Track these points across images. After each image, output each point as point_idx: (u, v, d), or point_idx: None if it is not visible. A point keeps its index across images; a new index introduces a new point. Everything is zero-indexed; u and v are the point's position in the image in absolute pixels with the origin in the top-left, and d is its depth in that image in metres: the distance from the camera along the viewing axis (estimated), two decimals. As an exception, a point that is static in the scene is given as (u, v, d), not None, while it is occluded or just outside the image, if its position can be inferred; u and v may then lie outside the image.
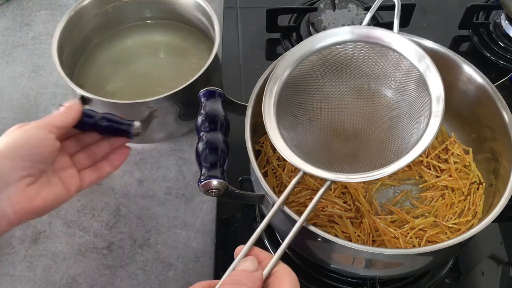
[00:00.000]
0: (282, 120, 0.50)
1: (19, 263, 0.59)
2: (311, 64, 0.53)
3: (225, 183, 0.45)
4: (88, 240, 0.61)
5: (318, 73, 0.53)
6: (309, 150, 0.50)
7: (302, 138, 0.51)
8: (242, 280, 0.38)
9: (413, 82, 0.50)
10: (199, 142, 0.48)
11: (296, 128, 0.52)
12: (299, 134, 0.51)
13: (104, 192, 0.64)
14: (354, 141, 0.53)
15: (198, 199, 0.64)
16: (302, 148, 0.49)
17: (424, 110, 0.48)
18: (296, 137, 0.51)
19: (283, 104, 0.51)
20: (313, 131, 0.52)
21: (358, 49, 0.52)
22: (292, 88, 0.52)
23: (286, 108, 0.52)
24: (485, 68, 0.57)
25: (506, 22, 0.79)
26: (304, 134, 0.52)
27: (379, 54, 0.52)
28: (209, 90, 0.53)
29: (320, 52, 0.53)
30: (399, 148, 0.49)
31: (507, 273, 0.57)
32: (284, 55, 0.53)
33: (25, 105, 0.72)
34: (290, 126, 0.51)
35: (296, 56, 0.52)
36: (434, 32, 0.81)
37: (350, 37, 0.52)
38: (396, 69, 0.52)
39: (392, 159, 0.46)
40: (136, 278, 0.58)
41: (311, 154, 0.50)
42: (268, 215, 0.44)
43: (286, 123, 0.51)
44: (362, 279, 0.55)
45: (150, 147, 0.68)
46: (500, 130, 0.53)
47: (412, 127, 0.49)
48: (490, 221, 0.46)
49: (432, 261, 0.50)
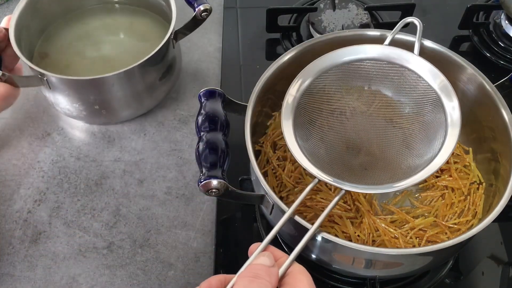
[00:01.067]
0: (298, 129, 0.51)
1: (19, 263, 0.59)
2: (328, 79, 0.54)
3: (225, 183, 0.45)
4: (88, 240, 0.61)
5: (336, 87, 0.54)
6: (322, 160, 0.51)
7: (315, 149, 0.52)
8: (260, 274, 0.38)
9: (429, 104, 0.51)
10: (199, 142, 0.48)
11: (310, 139, 0.52)
12: (312, 145, 0.52)
13: (104, 192, 0.64)
14: (366, 156, 0.54)
15: (198, 199, 0.64)
16: (315, 158, 0.50)
17: (439, 131, 0.50)
18: (310, 147, 0.51)
19: (301, 113, 0.52)
20: (326, 143, 0.53)
21: (377, 67, 0.53)
22: (310, 99, 0.53)
23: (302, 118, 0.52)
24: (485, 68, 0.57)
25: (506, 22, 0.79)
26: (317, 145, 0.52)
27: (397, 73, 0.53)
28: (209, 90, 0.53)
29: (339, 67, 0.53)
30: (410, 166, 0.50)
31: (507, 273, 0.57)
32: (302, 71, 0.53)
33: (25, 105, 0.72)
34: (305, 136, 0.52)
35: (316, 68, 0.53)
36: (434, 32, 0.81)
37: (373, 55, 0.53)
38: (413, 90, 0.53)
39: (401, 176, 0.48)
40: (136, 278, 0.58)
41: (323, 164, 0.50)
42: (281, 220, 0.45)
43: (301, 132, 0.51)
44: (362, 279, 0.55)
45: (150, 146, 0.68)
46: (500, 130, 0.53)
47: (425, 147, 0.50)
48: (490, 221, 0.46)
49: (432, 261, 0.50)
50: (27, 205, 0.63)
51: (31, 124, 0.70)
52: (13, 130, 0.70)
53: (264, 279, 0.37)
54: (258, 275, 0.38)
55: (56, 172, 0.66)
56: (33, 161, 0.67)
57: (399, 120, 0.54)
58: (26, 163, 0.67)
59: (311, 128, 0.53)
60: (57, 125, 0.70)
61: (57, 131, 0.70)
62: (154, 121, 0.71)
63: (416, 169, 0.48)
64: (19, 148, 0.68)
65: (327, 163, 0.51)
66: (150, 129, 0.70)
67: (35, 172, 0.66)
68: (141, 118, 0.71)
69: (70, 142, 0.69)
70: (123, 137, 0.69)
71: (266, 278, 0.37)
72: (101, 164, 0.67)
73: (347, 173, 0.51)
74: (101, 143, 0.69)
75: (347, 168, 0.52)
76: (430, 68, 0.51)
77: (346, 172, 0.51)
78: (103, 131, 0.70)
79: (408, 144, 0.53)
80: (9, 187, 0.64)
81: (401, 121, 0.54)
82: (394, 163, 0.52)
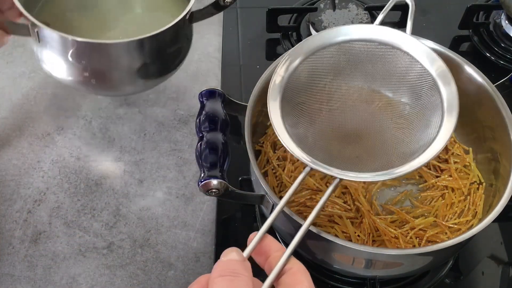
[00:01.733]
0: (287, 116, 0.48)
1: (19, 263, 0.59)
2: (318, 60, 0.51)
3: (225, 183, 0.45)
4: (88, 240, 0.61)
5: (325, 70, 0.52)
6: (312, 147, 0.49)
7: (304, 135, 0.50)
8: (238, 269, 0.35)
9: (425, 87, 0.49)
10: (199, 142, 0.48)
11: (299, 125, 0.50)
12: (302, 130, 0.50)
13: (104, 192, 0.64)
14: (359, 142, 0.52)
15: (198, 199, 0.64)
16: (305, 146, 0.48)
17: (435, 115, 0.47)
18: (300, 134, 0.49)
19: (288, 99, 0.50)
20: (315, 130, 0.51)
21: (368, 49, 0.51)
22: (298, 83, 0.51)
23: (290, 100, 0.50)
24: (485, 68, 0.57)
25: (506, 22, 0.79)
26: (306, 130, 0.50)
27: (390, 55, 0.51)
28: (209, 90, 0.53)
29: (327, 49, 0.51)
30: (405, 153, 0.48)
31: (507, 273, 0.57)
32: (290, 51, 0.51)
33: (25, 105, 0.72)
34: (294, 123, 0.49)
35: (305, 48, 0.51)
36: (434, 32, 0.81)
37: (361, 35, 0.51)
38: (406, 72, 0.51)
39: (396, 163, 0.45)
40: (136, 278, 0.58)
41: (314, 151, 0.48)
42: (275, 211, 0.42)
43: (290, 119, 0.49)
44: (362, 279, 0.55)
45: (150, 146, 0.68)
46: (500, 130, 0.53)
47: (420, 133, 0.48)
48: (490, 221, 0.46)
49: (432, 261, 0.50)
50: (27, 205, 0.63)
51: (31, 124, 0.70)
52: (13, 130, 0.70)
53: (244, 275, 0.35)
54: (236, 272, 0.35)
55: (56, 172, 0.66)
56: (33, 161, 0.67)
57: (393, 104, 0.52)
58: (26, 163, 0.67)
59: (300, 112, 0.51)
60: (57, 125, 0.70)
61: (57, 131, 0.70)
62: (154, 121, 0.71)
63: (412, 156, 0.46)
64: (19, 148, 0.68)
65: (318, 150, 0.49)
66: (150, 129, 0.70)
67: (35, 172, 0.66)
68: (141, 118, 0.71)
69: (70, 142, 0.69)
70: (123, 137, 0.69)
71: (246, 274, 0.35)
72: (101, 164, 0.67)
73: (340, 161, 0.49)
74: (101, 143, 0.69)
75: (339, 155, 0.50)
76: (424, 49, 0.49)
77: (339, 159, 0.49)
78: (103, 131, 0.70)
79: (403, 129, 0.51)
80: (9, 187, 0.64)
81: (396, 105, 0.52)
82: (389, 150, 0.50)
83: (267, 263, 0.38)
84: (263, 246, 0.39)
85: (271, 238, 0.39)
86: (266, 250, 0.39)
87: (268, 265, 0.38)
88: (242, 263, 0.36)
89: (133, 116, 0.71)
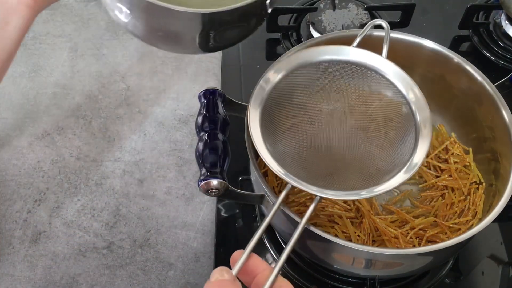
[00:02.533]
0: (266, 132, 0.48)
1: (19, 263, 0.59)
2: (298, 77, 0.52)
3: (225, 183, 0.45)
4: (88, 240, 0.61)
5: (302, 88, 0.52)
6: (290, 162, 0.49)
7: (282, 152, 0.50)
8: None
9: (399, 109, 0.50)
10: (199, 142, 0.49)
11: (277, 141, 0.50)
12: (280, 148, 0.50)
13: (104, 192, 0.64)
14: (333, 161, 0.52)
15: (198, 199, 0.64)
16: (284, 162, 0.48)
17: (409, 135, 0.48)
18: (279, 150, 0.49)
19: (267, 115, 0.50)
20: (293, 147, 0.51)
21: (346, 69, 0.52)
22: (277, 100, 0.51)
23: (270, 121, 0.50)
24: (485, 68, 0.57)
25: (506, 22, 0.79)
26: (284, 148, 0.50)
27: (366, 76, 0.52)
28: (209, 90, 0.53)
29: (307, 68, 0.52)
30: (381, 170, 0.48)
31: (507, 273, 0.57)
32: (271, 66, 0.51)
33: (25, 105, 0.72)
34: (272, 139, 0.49)
35: (286, 65, 0.51)
36: (434, 32, 0.81)
37: (340, 56, 0.52)
38: (382, 91, 0.51)
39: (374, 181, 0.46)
40: (136, 278, 0.58)
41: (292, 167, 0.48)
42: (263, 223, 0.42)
43: (269, 136, 0.49)
44: (362, 279, 0.55)
45: (150, 146, 0.68)
46: (500, 130, 0.53)
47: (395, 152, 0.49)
48: (490, 221, 0.46)
49: (432, 261, 0.50)
50: (27, 205, 0.63)
51: (31, 124, 0.70)
52: (13, 130, 0.70)
53: None
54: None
55: (56, 172, 0.66)
56: (33, 161, 0.67)
57: (370, 123, 0.53)
58: (26, 163, 0.67)
59: (279, 128, 0.51)
60: (57, 125, 0.70)
61: (57, 131, 0.70)
62: (154, 121, 0.71)
63: (389, 174, 0.46)
64: (19, 148, 0.68)
65: (296, 165, 0.49)
66: (150, 129, 0.70)
67: (35, 172, 0.66)
68: (141, 118, 0.71)
69: (70, 142, 0.69)
70: (123, 137, 0.69)
71: None
72: (101, 164, 0.67)
73: (318, 177, 0.48)
74: (101, 143, 0.69)
75: (316, 174, 0.50)
76: (396, 70, 0.50)
77: (317, 175, 0.49)
78: (103, 131, 0.70)
79: (379, 147, 0.51)
80: (9, 187, 0.64)
81: (372, 124, 0.53)
82: (366, 166, 0.50)
83: (254, 282, 0.37)
84: (250, 264, 0.38)
85: (257, 257, 0.38)
86: (253, 269, 0.38)
87: (256, 284, 0.37)
88: (232, 283, 0.35)
89: (133, 116, 0.71)
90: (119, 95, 0.74)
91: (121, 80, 0.75)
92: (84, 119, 0.71)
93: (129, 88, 0.74)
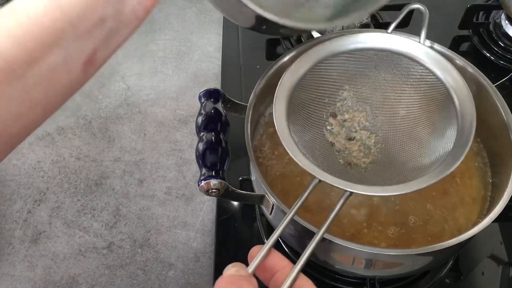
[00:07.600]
0: (292, 123, 0.47)
1: (19, 263, 0.59)
2: (327, 68, 0.50)
3: (225, 183, 0.45)
4: (88, 240, 0.61)
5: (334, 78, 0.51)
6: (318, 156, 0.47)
7: (310, 146, 0.48)
8: (245, 285, 0.32)
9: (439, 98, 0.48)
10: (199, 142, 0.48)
11: (305, 134, 0.49)
12: (308, 141, 0.48)
13: (104, 192, 0.64)
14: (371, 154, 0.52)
15: (198, 199, 0.64)
16: (312, 155, 0.46)
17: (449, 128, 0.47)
18: (306, 143, 0.48)
19: (294, 107, 0.48)
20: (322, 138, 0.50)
21: (380, 57, 0.50)
22: (305, 90, 0.50)
23: (296, 112, 0.49)
24: (485, 68, 0.57)
25: (506, 22, 0.79)
26: (313, 141, 0.49)
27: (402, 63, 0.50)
28: (209, 90, 0.53)
29: (338, 56, 0.50)
30: (414, 167, 0.47)
31: (507, 273, 0.57)
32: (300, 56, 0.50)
33: (25, 105, 0.72)
34: (300, 131, 0.48)
35: (312, 57, 0.50)
36: (434, 32, 0.80)
37: (374, 44, 0.50)
38: (419, 83, 0.50)
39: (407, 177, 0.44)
40: (136, 278, 0.58)
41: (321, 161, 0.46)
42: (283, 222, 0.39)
43: (296, 127, 0.47)
44: (362, 279, 0.55)
45: (150, 146, 0.68)
46: (500, 130, 0.53)
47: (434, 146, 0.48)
48: (490, 221, 0.46)
49: (432, 261, 0.50)
50: (27, 205, 0.63)
51: (31, 124, 0.70)
52: (13, 130, 0.70)
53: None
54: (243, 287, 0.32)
55: (56, 172, 0.66)
56: (33, 161, 0.67)
57: (406, 114, 0.52)
58: (26, 163, 0.67)
59: (306, 120, 0.50)
60: (57, 125, 0.70)
61: (57, 131, 0.70)
62: (154, 121, 0.71)
63: (424, 170, 0.45)
64: (19, 148, 0.68)
65: (324, 159, 0.47)
66: (150, 129, 0.70)
67: (35, 172, 0.66)
68: (141, 118, 0.71)
69: (70, 142, 0.69)
70: (123, 137, 0.69)
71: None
72: (101, 164, 0.67)
73: (347, 173, 0.49)
74: (101, 143, 0.69)
75: (344, 168, 0.50)
76: (436, 57, 0.49)
77: (345, 170, 0.49)
78: (103, 131, 0.70)
79: (416, 141, 0.50)
80: (9, 187, 0.64)
81: (408, 115, 0.51)
82: (398, 163, 0.49)
83: (273, 279, 0.35)
84: (269, 261, 0.35)
85: (278, 253, 0.36)
86: (272, 266, 0.35)
87: (274, 282, 0.35)
88: (247, 279, 0.33)
89: (133, 116, 0.71)
90: (119, 95, 0.74)
91: (121, 80, 0.75)
92: (84, 119, 0.71)
93: (129, 88, 0.74)
